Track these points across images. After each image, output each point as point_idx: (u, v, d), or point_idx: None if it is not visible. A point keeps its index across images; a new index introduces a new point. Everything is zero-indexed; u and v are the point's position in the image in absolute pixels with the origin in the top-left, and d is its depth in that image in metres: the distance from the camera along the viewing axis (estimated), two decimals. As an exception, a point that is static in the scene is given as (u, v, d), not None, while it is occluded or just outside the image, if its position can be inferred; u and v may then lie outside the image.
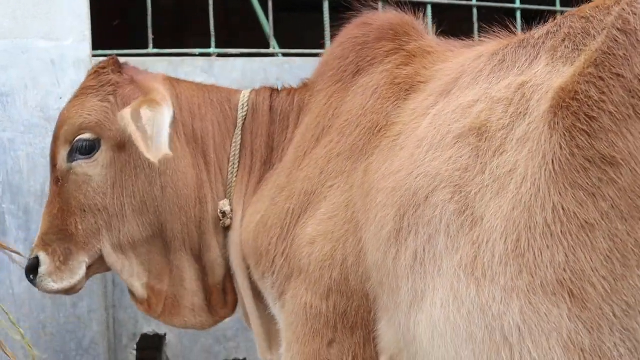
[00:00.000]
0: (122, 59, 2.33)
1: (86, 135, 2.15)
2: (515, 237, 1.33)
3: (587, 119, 1.26)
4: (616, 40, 1.28)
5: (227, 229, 2.20)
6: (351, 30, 2.14)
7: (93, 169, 2.15)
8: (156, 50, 2.92)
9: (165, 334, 2.92)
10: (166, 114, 2.09)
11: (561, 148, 1.28)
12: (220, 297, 2.28)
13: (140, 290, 2.24)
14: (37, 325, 2.64)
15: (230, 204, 2.18)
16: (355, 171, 1.84)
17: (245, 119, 2.23)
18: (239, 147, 2.21)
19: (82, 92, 2.22)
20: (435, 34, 2.17)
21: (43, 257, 2.16)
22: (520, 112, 1.42)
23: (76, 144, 2.16)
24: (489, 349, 1.35)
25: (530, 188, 1.32)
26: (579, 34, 1.42)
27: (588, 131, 1.26)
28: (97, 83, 2.20)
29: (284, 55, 3.19)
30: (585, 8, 1.47)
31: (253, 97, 2.26)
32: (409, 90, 1.88)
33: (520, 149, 1.37)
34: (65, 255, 2.15)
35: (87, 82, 2.24)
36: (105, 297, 2.76)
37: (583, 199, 1.25)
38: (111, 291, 2.78)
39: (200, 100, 2.24)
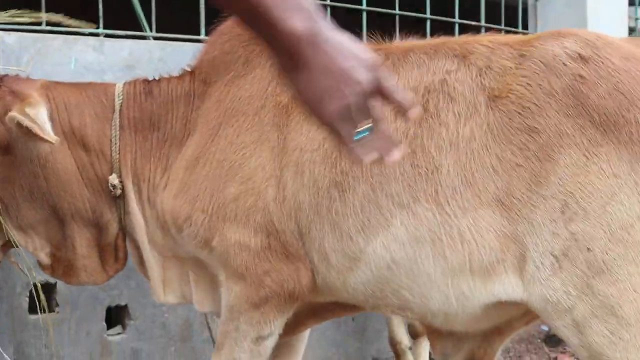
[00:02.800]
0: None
1: None
2: (471, 174, 2.06)
3: (521, 107, 2.04)
4: (539, 65, 2.06)
5: (118, 197, 2.58)
6: (234, 27, 2.51)
7: None
8: (49, 28, 3.21)
9: (55, 283, 3.20)
10: (43, 110, 2.44)
11: (501, 120, 2.05)
12: (112, 253, 2.68)
13: (44, 259, 2.63)
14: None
15: (119, 177, 2.56)
16: (267, 140, 2.32)
17: (121, 105, 2.58)
18: (118, 129, 2.56)
19: None
20: None
21: None
22: (452, 97, 2.12)
23: None
24: (447, 240, 2.09)
25: (479, 144, 2.06)
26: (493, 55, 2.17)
27: (521, 112, 2.04)
28: None
29: (161, 39, 3.61)
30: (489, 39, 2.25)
31: (127, 87, 2.62)
32: None
33: (466, 122, 2.08)
34: None
35: None
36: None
37: (515, 150, 2.03)
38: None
39: (76, 99, 2.56)
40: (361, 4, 4.28)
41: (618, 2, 4.96)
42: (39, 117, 2.40)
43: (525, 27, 5.08)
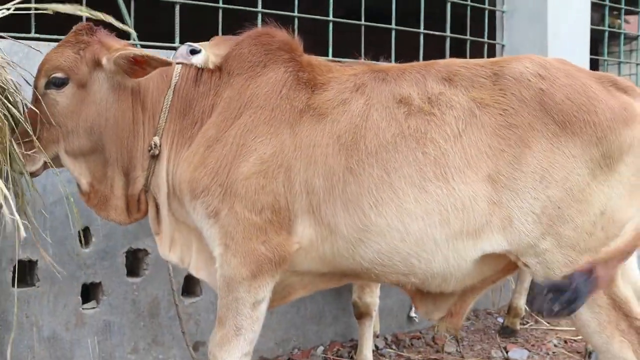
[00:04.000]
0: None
1: (59, 74, 2.95)
2: (470, 158, 2.68)
3: (502, 109, 2.70)
4: (511, 80, 2.74)
5: (154, 157, 3.04)
6: (258, 36, 3.07)
7: (60, 98, 2.96)
8: (36, 35, 3.63)
9: (37, 260, 3.57)
10: None
11: (489, 120, 2.70)
12: (135, 204, 3.14)
13: (85, 185, 3.08)
14: None
15: (160, 140, 3.03)
16: (280, 134, 2.83)
17: (176, 85, 3.08)
18: (169, 102, 3.06)
19: (63, 43, 3.02)
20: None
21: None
22: (451, 105, 2.73)
23: (52, 79, 2.96)
24: (452, 210, 2.66)
25: (475, 137, 2.69)
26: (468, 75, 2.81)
27: (502, 114, 2.70)
28: (74, 40, 2.99)
29: (142, 47, 4.00)
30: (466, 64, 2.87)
31: (183, 70, 3.12)
32: (313, 88, 2.91)
33: (459, 122, 2.71)
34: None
35: (68, 38, 3.02)
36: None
37: (500, 140, 2.68)
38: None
39: None
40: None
41: (575, 14, 5.25)
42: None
43: (491, 37, 5.39)
